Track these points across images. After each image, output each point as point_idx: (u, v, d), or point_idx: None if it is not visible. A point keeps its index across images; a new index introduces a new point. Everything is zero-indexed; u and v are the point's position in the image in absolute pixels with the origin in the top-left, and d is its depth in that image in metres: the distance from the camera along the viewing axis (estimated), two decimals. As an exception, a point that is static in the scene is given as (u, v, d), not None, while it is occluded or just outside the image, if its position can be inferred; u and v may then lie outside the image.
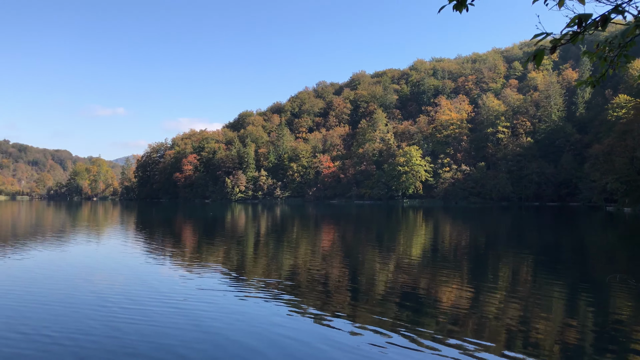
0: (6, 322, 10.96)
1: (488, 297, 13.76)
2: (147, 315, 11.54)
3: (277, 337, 9.98)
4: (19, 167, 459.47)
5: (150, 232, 38.44)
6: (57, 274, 17.32)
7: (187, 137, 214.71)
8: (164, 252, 24.80)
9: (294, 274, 17.66)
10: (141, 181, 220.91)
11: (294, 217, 61.77)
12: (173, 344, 9.44)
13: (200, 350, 9.10)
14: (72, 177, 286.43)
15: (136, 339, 9.76)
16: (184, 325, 10.74)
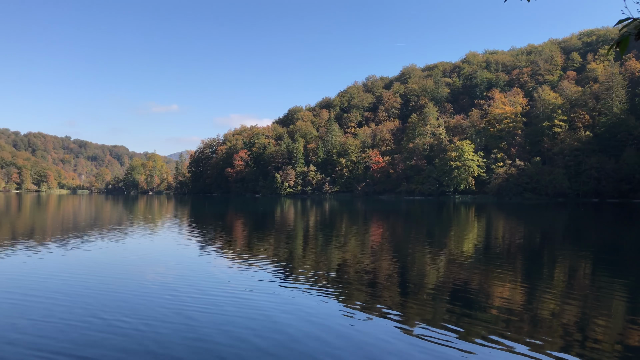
0: (86, 308, 11.54)
1: (543, 296, 13.26)
2: (215, 305, 11.88)
3: (341, 328, 10.08)
4: (79, 162, 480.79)
5: (204, 226, 39.31)
6: (124, 265, 18.13)
7: (238, 132, 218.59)
8: (218, 244, 25.36)
9: (344, 268, 17.61)
10: (194, 176, 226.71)
11: (342, 212, 61.74)
12: (245, 333, 9.66)
13: (273, 340, 9.25)
14: (128, 172, 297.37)
15: (210, 327, 10.06)
16: (252, 315, 11.00)
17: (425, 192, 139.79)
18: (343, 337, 9.55)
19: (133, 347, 8.82)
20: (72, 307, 11.64)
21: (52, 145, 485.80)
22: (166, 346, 8.88)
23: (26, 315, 10.84)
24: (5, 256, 19.71)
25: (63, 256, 20.06)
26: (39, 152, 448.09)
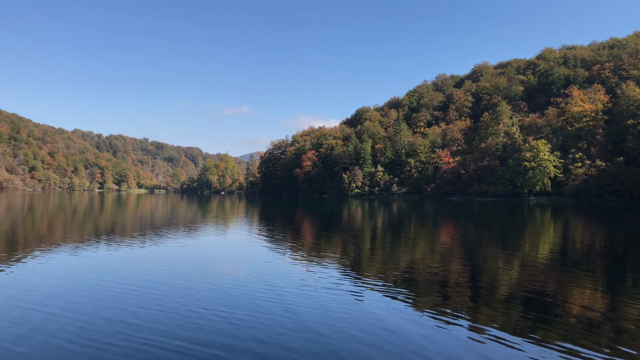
0: (182, 300, 12.27)
1: (627, 304, 12.42)
2: (284, 299, 12.12)
3: (408, 331, 9.93)
4: (156, 163, 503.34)
5: (274, 225, 39.95)
6: (205, 260, 18.84)
7: (306, 134, 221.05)
8: (287, 243, 25.68)
9: (413, 270, 17.34)
10: (264, 176, 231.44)
11: (411, 214, 60.80)
12: (312, 330, 9.75)
13: (341, 340, 9.29)
14: (202, 172, 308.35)
15: (312, 320, 10.49)
16: (320, 313, 11.07)
17: (498, 193, 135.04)
18: (410, 339, 9.43)
19: (243, 335, 9.46)
20: (174, 298, 12.42)
21: (132, 147, 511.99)
22: (273, 335, 9.38)
23: (141, 306, 11.71)
24: (95, 250, 21.02)
25: (151, 252, 21.30)
26: (120, 154, 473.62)
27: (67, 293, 12.98)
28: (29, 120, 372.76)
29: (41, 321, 10.32)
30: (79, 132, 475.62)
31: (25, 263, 17.61)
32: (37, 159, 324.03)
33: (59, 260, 18.32)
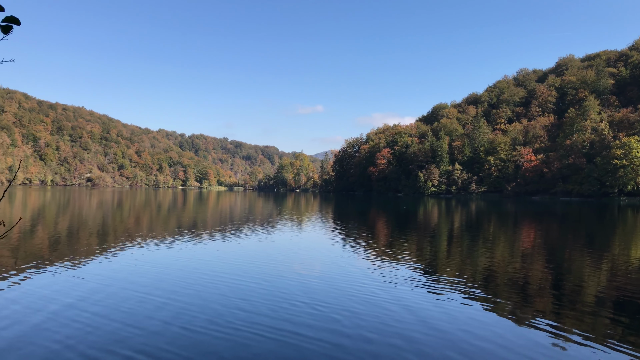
0: (287, 292, 12.57)
1: None
2: (394, 297, 12.09)
3: (489, 335, 9.65)
4: (235, 161, 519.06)
5: (348, 223, 39.94)
6: (289, 255, 19.26)
7: (380, 131, 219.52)
8: (362, 241, 25.58)
9: (492, 272, 16.70)
10: (338, 175, 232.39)
11: (490, 214, 58.68)
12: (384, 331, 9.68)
13: (420, 343, 9.17)
14: (278, 170, 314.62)
15: (394, 315, 10.32)
16: (397, 313, 10.99)
17: (584, 193, 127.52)
18: (490, 341, 9.14)
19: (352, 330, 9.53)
20: (270, 290, 12.81)
21: (212, 146, 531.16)
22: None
23: (245, 297, 12.30)
24: (182, 244, 22.13)
25: (237, 244, 22.17)
26: (201, 152, 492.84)
27: (171, 283, 13.89)
28: (118, 121, 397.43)
29: (156, 309, 11.04)
30: (164, 132, 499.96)
31: (120, 254, 18.81)
32: (126, 158, 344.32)
33: (151, 254, 19.55)
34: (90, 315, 10.39)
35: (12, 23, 2.17)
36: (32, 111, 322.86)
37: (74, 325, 9.62)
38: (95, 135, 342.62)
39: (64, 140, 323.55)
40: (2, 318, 10.06)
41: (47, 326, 9.57)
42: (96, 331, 9.30)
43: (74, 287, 13.03)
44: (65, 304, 11.21)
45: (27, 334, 9.04)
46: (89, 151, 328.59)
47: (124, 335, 9.12)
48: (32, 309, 10.83)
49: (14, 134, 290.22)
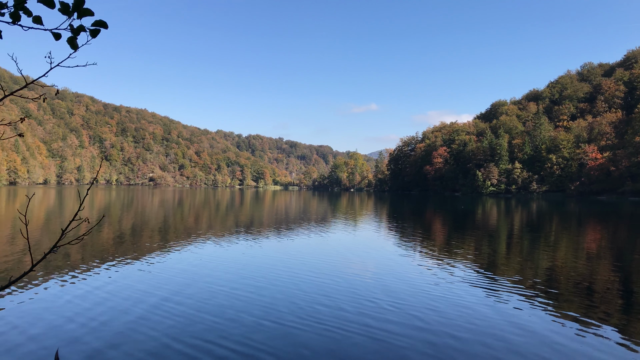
0: (348, 292, 12.81)
1: None
2: (450, 297, 12.04)
3: (549, 340, 9.40)
4: (290, 161, 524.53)
5: (403, 222, 39.61)
6: (343, 254, 19.48)
7: (437, 129, 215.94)
8: (417, 242, 25.37)
9: (554, 274, 16.16)
10: (393, 174, 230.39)
11: (552, 214, 56.58)
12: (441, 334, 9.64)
13: (478, 346, 9.07)
14: (332, 170, 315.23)
15: (451, 316, 10.29)
16: (453, 315, 10.92)
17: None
18: (551, 347, 8.87)
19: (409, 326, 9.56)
20: (337, 288, 13.04)
21: (268, 146, 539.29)
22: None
23: (305, 291, 12.86)
24: (241, 241, 22.69)
25: (301, 241, 22.56)
26: (257, 152, 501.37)
27: (253, 279, 14.62)
28: (179, 123, 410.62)
29: (245, 304, 11.55)
30: (222, 133, 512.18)
31: (198, 251, 19.57)
32: (186, 158, 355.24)
33: (226, 251, 20.35)
34: (186, 308, 11.01)
35: (101, 27, 2.24)
36: (98, 114, 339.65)
37: (173, 318, 10.21)
38: (157, 137, 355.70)
39: (128, 141, 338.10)
40: (107, 309, 10.75)
41: (150, 318, 10.21)
42: (194, 324, 9.84)
43: (164, 281, 13.91)
44: (162, 297, 11.97)
45: (133, 325, 9.63)
46: (151, 152, 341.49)
47: (221, 328, 9.63)
48: (132, 300, 11.62)
49: (82, 136, 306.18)
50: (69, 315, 10.22)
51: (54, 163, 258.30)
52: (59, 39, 2.24)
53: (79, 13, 2.16)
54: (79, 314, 10.36)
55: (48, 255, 2.33)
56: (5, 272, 14.46)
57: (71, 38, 2.25)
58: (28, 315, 10.16)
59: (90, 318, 10.06)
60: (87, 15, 2.17)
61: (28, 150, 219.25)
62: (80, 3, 2.14)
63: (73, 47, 2.28)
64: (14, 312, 10.38)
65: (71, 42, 2.27)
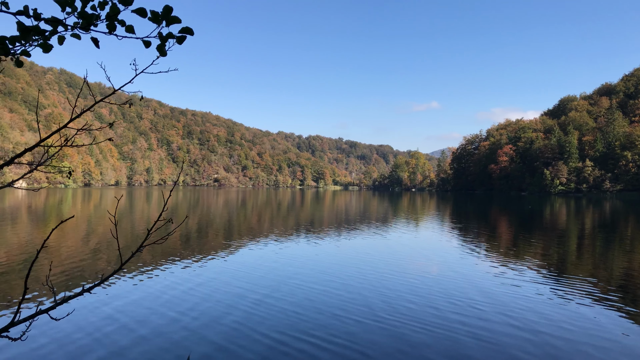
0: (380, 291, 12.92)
1: None
2: (521, 300, 11.87)
3: (625, 347, 9.05)
4: (350, 161, 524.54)
5: (467, 223, 38.82)
6: (405, 255, 19.45)
7: (502, 127, 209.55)
8: (482, 243, 24.79)
9: (630, 278, 15.38)
10: (456, 173, 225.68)
11: (628, 214, 53.63)
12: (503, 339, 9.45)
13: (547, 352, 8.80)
14: (393, 169, 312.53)
15: (518, 319, 10.13)
16: (514, 319, 10.68)
17: None
18: (632, 354, 8.54)
19: None
20: (397, 288, 13.16)
21: (328, 146, 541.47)
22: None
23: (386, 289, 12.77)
24: (303, 241, 23.06)
25: (363, 240, 22.67)
26: (317, 153, 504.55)
27: (330, 274, 15.38)
28: (242, 125, 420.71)
29: (321, 300, 11.91)
30: (283, 134, 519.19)
31: (267, 249, 20.15)
32: (248, 159, 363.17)
33: (294, 248, 20.90)
34: (287, 306, 11.50)
35: (187, 34, 2.34)
36: (166, 117, 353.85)
37: (277, 315, 10.70)
38: (221, 139, 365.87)
39: (193, 143, 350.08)
40: (208, 309, 11.30)
41: (255, 314, 10.75)
42: (301, 321, 10.27)
43: (242, 277, 14.68)
44: (234, 294, 12.57)
45: (246, 323, 10.13)
46: (216, 153, 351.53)
47: (306, 321, 10.12)
48: (232, 298, 12.26)
49: (151, 139, 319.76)
50: (172, 316, 10.72)
51: (124, 165, 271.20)
52: (149, 46, 2.36)
53: (167, 21, 2.27)
54: (182, 313, 10.89)
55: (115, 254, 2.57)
56: (87, 270, 15.46)
57: (160, 45, 2.36)
58: (134, 314, 10.68)
59: (197, 316, 10.57)
60: (175, 23, 2.29)
61: (101, 153, 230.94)
62: (168, 11, 2.24)
63: (162, 54, 2.39)
64: (113, 312, 10.90)
65: (160, 49, 2.38)
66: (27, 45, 2.31)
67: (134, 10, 2.23)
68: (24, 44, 2.30)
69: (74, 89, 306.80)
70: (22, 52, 2.34)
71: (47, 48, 2.39)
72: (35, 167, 2.53)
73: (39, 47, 2.35)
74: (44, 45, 2.36)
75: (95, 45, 2.37)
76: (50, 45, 2.38)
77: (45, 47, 2.38)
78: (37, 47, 2.35)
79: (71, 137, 2.61)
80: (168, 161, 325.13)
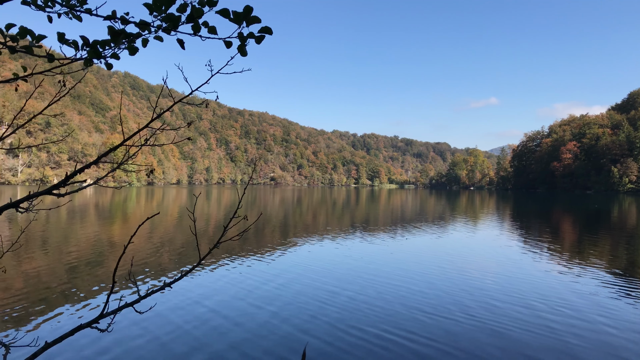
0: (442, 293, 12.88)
1: None
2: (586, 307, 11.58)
3: None
4: (405, 159, 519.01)
5: (528, 223, 37.65)
6: (461, 257, 19.20)
7: (565, 123, 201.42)
8: (544, 245, 23.98)
9: None
10: (517, 171, 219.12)
11: None
12: None
13: None
14: (450, 167, 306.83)
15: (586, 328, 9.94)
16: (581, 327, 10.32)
17: None
18: None
19: None
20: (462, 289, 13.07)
21: (383, 144, 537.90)
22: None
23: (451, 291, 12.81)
24: (357, 240, 23.17)
25: (424, 240, 22.63)
26: (372, 151, 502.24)
27: (406, 271, 15.69)
28: (297, 124, 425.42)
29: (398, 296, 12.04)
30: (337, 133, 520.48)
31: (326, 246, 20.43)
32: (304, 158, 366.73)
33: (359, 246, 21.10)
34: (361, 303, 11.61)
35: (266, 33, 2.37)
36: (224, 118, 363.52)
37: (354, 311, 10.84)
38: (277, 138, 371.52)
39: (250, 143, 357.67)
40: (289, 302, 11.66)
41: (333, 309, 10.99)
42: (385, 318, 10.37)
43: (324, 275, 14.90)
44: (332, 291, 12.76)
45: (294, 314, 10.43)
46: (272, 152, 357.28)
47: (384, 318, 10.21)
48: (310, 292, 12.63)
49: (210, 139, 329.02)
50: (250, 313, 11.09)
51: (185, 164, 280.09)
52: (230, 46, 2.39)
53: (247, 21, 2.31)
54: (266, 305, 11.26)
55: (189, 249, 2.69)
56: (157, 266, 16.16)
57: (241, 46, 2.39)
58: (225, 310, 11.03)
59: (279, 309, 10.88)
60: (255, 23, 2.33)
61: (163, 153, 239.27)
62: (248, 11, 2.28)
63: (243, 54, 2.43)
64: (197, 306, 11.35)
65: (241, 50, 2.41)
66: (116, 48, 2.40)
67: (217, 11, 2.27)
68: (113, 47, 2.39)
69: (137, 91, 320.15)
70: (112, 54, 2.42)
71: (134, 50, 2.46)
72: (118, 165, 2.62)
73: (126, 49, 2.44)
74: (130, 48, 2.44)
75: (181, 46, 2.43)
76: (136, 47, 2.45)
77: (132, 50, 2.46)
78: (124, 49, 2.43)
79: (151, 137, 2.70)
80: (226, 160, 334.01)
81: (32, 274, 14.26)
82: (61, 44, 2.33)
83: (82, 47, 2.36)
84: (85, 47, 2.36)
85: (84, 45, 2.35)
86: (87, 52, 2.36)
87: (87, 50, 2.36)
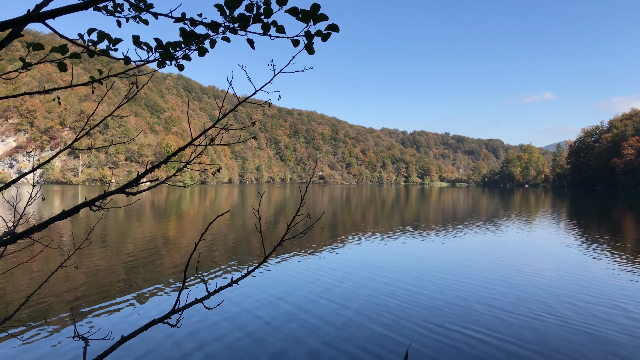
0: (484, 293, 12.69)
1: None
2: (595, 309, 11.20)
3: None
4: (457, 156, 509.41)
5: (587, 222, 36.26)
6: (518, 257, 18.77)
7: (626, 117, 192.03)
8: (604, 245, 23.04)
9: None
10: (574, 168, 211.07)
11: None
12: None
13: None
14: (504, 164, 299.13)
15: None
16: None
17: None
18: None
19: None
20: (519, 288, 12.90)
21: (433, 142, 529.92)
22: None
23: None
24: (414, 239, 23.00)
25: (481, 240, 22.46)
26: (422, 149, 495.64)
27: (479, 269, 15.80)
28: (345, 122, 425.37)
29: (467, 293, 12.02)
30: (386, 131, 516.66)
31: (389, 244, 20.45)
32: (352, 156, 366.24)
33: (419, 245, 21.04)
34: (426, 301, 11.67)
35: (332, 31, 2.33)
36: (274, 117, 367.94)
37: (430, 309, 10.94)
38: (325, 137, 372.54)
39: (299, 142, 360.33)
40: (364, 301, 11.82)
41: (409, 305, 11.18)
42: (468, 315, 10.45)
43: (389, 272, 15.04)
44: (400, 287, 12.94)
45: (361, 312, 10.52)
46: (321, 151, 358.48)
47: (468, 319, 10.18)
48: (383, 286, 12.82)
49: (260, 139, 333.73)
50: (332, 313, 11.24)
51: (236, 164, 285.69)
52: (297, 45, 2.38)
53: (314, 19, 2.27)
54: (339, 303, 11.39)
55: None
56: (221, 262, 16.60)
57: (308, 44, 2.37)
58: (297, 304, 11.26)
59: (361, 307, 10.95)
60: (322, 21, 2.29)
61: (215, 152, 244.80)
62: (316, 9, 2.24)
63: (310, 52, 2.40)
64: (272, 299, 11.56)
65: (308, 48, 2.39)
66: (187, 49, 2.41)
67: (287, 10, 2.26)
68: (184, 49, 2.41)
69: (191, 93, 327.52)
70: (183, 56, 2.43)
71: (203, 51, 2.46)
72: (185, 164, 2.66)
73: (196, 50, 2.44)
74: (200, 49, 2.44)
75: (251, 46, 2.41)
76: (206, 48, 2.45)
77: (201, 51, 2.46)
78: (194, 50, 2.44)
79: (216, 135, 2.75)
80: (276, 159, 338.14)
81: (96, 270, 14.94)
82: (136, 46, 2.35)
83: (155, 49, 2.38)
84: (158, 49, 2.39)
85: (157, 47, 2.38)
86: (159, 54, 2.39)
87: (160, 52, 2.39)
